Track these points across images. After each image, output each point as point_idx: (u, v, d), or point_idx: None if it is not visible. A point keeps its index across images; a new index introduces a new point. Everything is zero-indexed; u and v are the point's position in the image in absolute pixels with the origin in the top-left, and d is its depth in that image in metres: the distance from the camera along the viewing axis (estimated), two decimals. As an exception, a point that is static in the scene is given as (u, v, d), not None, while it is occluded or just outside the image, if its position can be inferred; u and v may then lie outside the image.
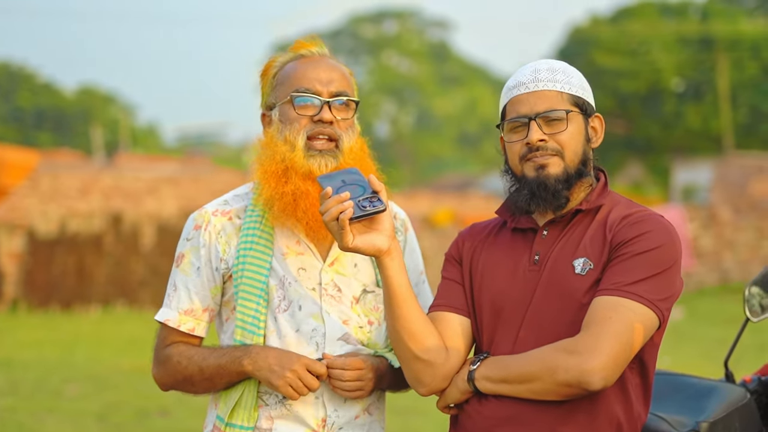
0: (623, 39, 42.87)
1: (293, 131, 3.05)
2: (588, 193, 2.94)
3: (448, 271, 3.05)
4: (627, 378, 2.82)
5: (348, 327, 3.09)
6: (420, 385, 2.92)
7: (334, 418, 3.07)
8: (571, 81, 2.93)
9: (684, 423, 3.29)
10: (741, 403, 3.45)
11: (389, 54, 67.00)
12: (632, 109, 41.37)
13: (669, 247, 2.80)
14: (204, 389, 3.11)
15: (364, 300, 3.14)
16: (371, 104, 63.89)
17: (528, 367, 2.76)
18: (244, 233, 3.10)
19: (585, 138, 2.92)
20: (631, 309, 2.72)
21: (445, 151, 65.88)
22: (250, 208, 3.14)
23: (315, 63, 3.13)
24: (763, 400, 3.60)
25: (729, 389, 3.51)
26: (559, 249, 2.88)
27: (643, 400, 2.90)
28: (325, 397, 3.06)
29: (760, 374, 3.74)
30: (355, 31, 67.83)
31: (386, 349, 3.15)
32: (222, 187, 24.66)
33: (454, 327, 2.95)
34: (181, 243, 3.18)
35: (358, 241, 2.77)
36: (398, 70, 66.13)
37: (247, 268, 3.07)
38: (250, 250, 3.08)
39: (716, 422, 3.34)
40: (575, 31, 45.25)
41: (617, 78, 41.23)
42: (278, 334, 3.05)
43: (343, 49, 67.13)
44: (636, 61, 41.57)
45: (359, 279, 3.15)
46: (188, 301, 3.13)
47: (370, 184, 2.80)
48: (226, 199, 3.21)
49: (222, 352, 3.05)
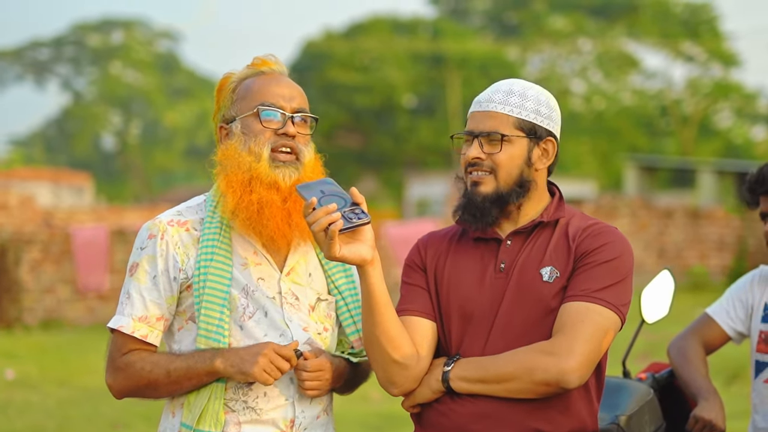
0: (357, 54, 43.74)
1: (258, 143, 3.15)
2: (545, 206, 3.16)
3: (411, 277, 3.21)
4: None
5: (308, 333, 3.20)
6: (393, 386, 3.08)
7: (301, 419, 3.17)
8: (525, 105, 3.11)
9: (602, 417, 3.55)
10: (648, 399, 3.77)
11: (115, 64, 65.81)
12: (366, 124, 42.29)
13: (626, 257, 3.08)
14: (167, 393, 3.15)
15: (318, 308, 3.25)
16: (96, 115, 62.60)
17: (506, 368, 2.97)
18: (203, 244, 3.16)
19: (525, 161, 3.11)
20: (600, 314, 2.98)
21: (174, 164, 65.24)
22: (208, 219, 3.20)
23: (276, 80, 3.24)
24: (659, 396, 3.90)
25: (635, 386, 3.80)
26: (524, 258, 3.10)
27: (597, 398, 3.14)
28: (296, 399, 3.16)
29: (651, 371, 4.04)
30: (80, 39, 66.26)
31: (338, 352, 3.28)
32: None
33: (422, 331, 3.12)
34: (135, 252, 3.20)
35: (344, 251, 2.90)
36: (125, 80, 65.04)
37: (209, 279, 3.12)
38: (210, 261, 3.14)
39: (632, 416, 3.64)
40: (309, 45, 45.82)
41: (351, 93, 42.04)
42: (246, 340, 3.13)
43: (67, 57, 65.49)
44: (369, 77, 42.51)
45: (314, 288, 3.26)
46: (142, 309, 3.15)
47: (351, 196, 2.93)
48: (179, 210, 3.25)
49: (190, 354, 3.10)
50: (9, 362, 13.57)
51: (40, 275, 17.92)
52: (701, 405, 3.79)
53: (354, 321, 3.26)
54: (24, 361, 13.78)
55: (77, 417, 9.97)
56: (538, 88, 3.16)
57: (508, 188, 3.09)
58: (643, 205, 20.94)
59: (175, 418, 3.19)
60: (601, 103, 46.81)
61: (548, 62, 48.06)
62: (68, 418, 9.99)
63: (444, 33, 44.67)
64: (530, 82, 3.19)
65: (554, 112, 3.16)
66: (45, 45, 65.49)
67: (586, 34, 46.83)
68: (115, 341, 3.19)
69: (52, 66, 65.76)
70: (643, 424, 3.68)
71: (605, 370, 3.15)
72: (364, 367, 3.30)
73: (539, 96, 3.14)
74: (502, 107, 3.10)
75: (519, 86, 3.14)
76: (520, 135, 3.10)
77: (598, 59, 46.91)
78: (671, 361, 4.00)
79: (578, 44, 47.49)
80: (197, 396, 3.13)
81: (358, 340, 3.26)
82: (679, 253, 20.47)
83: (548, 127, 3.13)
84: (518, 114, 3.10)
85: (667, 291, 4.00)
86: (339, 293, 3.27)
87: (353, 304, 3.27)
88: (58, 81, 66.40)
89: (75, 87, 65.95)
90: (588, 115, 46.05)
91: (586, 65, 47.62)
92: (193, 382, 3.10)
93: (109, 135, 65.38)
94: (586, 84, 47.87)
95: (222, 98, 3.27)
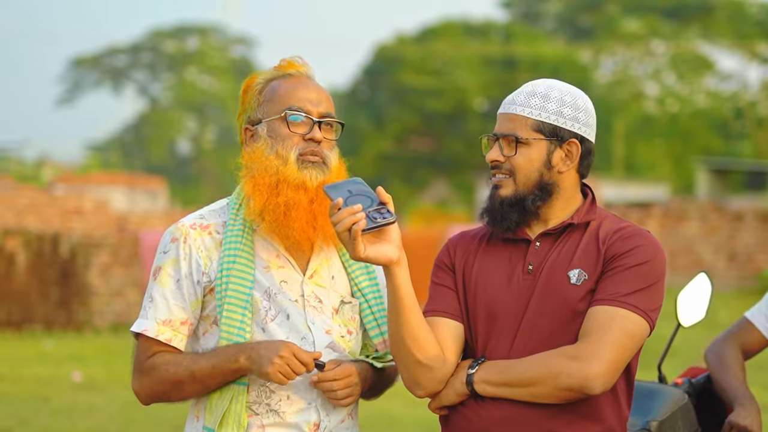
0: (429, 58, 43.74)
1: (286, 147, 3.14)
2: (576, 208, 3.11)
3: (440, 277, 3.18)
4: (616, 382, 3.00)
5: (331, 336, 3.18)
6: (418, 388, 3.06)
7: (326, 422, 3.15)
8: (546, 107, 3.06)
9: (634, 423, 3.49)
10: (682, 404, 3.70)
11: (191, 70, 66.46)
12: (438, 128, 42.28)
13: (658, 261, 3.01)
14: (193, 393, 3.14)
15: (342, 311, 3.23)
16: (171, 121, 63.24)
17: (530, 372, 2.93)
18: (226, 247, 3.16)
19: (544, 164, 3.06)
20: (627, 318, 2.92)
21: (248, 168, 65.54)
22: (230, 222, 3.20)
23: (304, 83, 3.22)
24: (695, 401, 3.84)
25: (669, 391, 3.74)
26: (552, 260, 3.05)
27: (627, 404, 3.09)
28: (319, 403, 3.14)
29: (688, 376, 3.98)
30: (156, 46, 67.01)
31: (362, 356, 3.26)
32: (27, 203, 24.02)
33: (449, 332, 3.08)
34: (158, 257, 3.21)
35: (370, 251, 2.88)
36: (200, 86, 65.65)
37: (232, 281, 3.12)
38: (233, 263, 3.14)
39: (664, 421, 3.57)
40: (381, 49, 45.91)
41: (423, 97, 42.05)
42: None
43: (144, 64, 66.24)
44: (441, 81, 42.49)
45: (337, 290, 3.24)
46: (166, 312, 3.15)
47: (378, 196, 2.90)
48: (202, 213, 3.26)
49: (213, 353, 3.09)
50: (77, 365, 13.75)
51: (110, 279, 18.14)
52: (737, 411, 3.72)
53: (378, 324, 3.24)
54: (91, 363, 13.95)
55: (140, 420, 10.06)
56: (566, 89, 3.10)
57: (527, 191, 3.05)
58: (713, 208, 20.70)
59: (199, 422, 3.18)
60: (675, 105, 46.35)
61: (621, 65, 47.70)
62: (131, 421, 10.09)
63: (516, 36, 44.53)
64: (561, 83, 3.13)
65: (580, 113, 3.08)
66: (122, 51, 66.35)
67: (659, 35, 46.40)
68: (140, 346, 3.20)
69: (129, 72, 66.61)
70: (676, 429, 3.62)
71: (635, 374, 3.10)
72: (388, 371, 3.27)
73: (563, 97, 3.08)
74: (521, 109, 3.07)
75: (543, 87, 3.09)
76: (538, 137, 3.05)
77: (672, 61, 46.45)
78: (708, 366, 3.94)
79: (652, 46, 47.10)
80: (219, 399, 3.13)
81: (382, 343, 3.24)
82: (750, 257, 20.17)
83: (572, 128, 3.07)
84: (538, 116, 3.05)
85: (704, 294, 3.93)
86: (362, 295, 3.25)
87: (377, 307, 3.25)
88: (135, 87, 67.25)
89: (151, 93, 66.73)
90: (662, 117, 45.64)
91: (660, 67, 47.17)
92: (218, 380, 3.09)
93: (185, 140, 66.06)
94: (660, 86, 47.43)
95: (248, 99, 3.25)
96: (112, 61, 66.31)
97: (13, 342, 16.60)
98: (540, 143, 3.05)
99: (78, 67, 65.81)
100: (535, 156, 3.05)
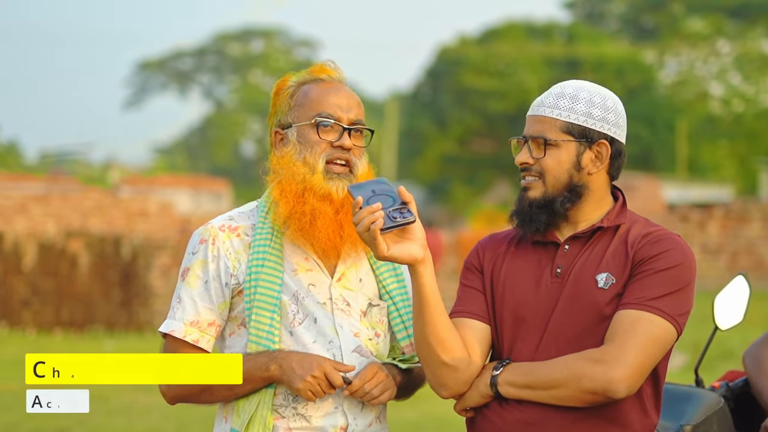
0: (491, 60, 43.61)
1: (314, 154, 3.14)
2: (607, 212, 3.09)
3: (469, 279, 3.17)
4: (642, 387, 2.97)
5: (359, 339, 3.18)
6: (443, 388, 3.04)
7: (354, 426, 3.15)
8: (575, 108, 3.03)
9: (667, 427, 3.46)
10: (717, 408, 3.65)
11: (255, 72, 66.90)
12: (500, 129, 42.08)
13: (687, 265, 2.98)
14: (222, 397, 3.16)
15: (370, 313, 3.23)
16: (236, 123, 63.67)
17: (554, 374, 2.91)
18: (254, 250, 3.16)
19: (574, 165, 3.04)
20: (654, 322, 2.89)
21: (311, 170, 65.84)
22: (259, 225, 3.21)
23: (336, 89, 3.22)
24: (732, 405, 3.80)
25: (705, 395, 3.70)
26: (581, 263, 3.03)
27: (655, 409, 3.05)
28: (345, 406, 3.14)
29: (726, 380, 3.93)
30: (221, 49, 67.54)
31: (388, 359, 3.26)
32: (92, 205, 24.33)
33: (475, 333, 3.07)
34: (187, 257, 3.22)
35: (394, 250, 2.88)
36: (265, 88, 66.02)
37: (260, 284, 3.13)
38: (261, 267, 3.14)
39: (698, 426, 3.53)
40: (444, 51, 45.86)
41: (485, 98, 41.95)
42: (296, 346, 3.13)
43: (209, 67, 66.78)
44: (503, 82, 42.37)
45: (365, 293, 3.24)
46: (194, 313, 3.16)
47: (399, 195, 2.90)
48: (231, 215, 3.26)
49: (245, 359, 3.10)
50: (136, 365, 13.85)
51: (170, 280, 18.26)
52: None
53: (405, 326, 3.24)
54: (151, 364, 14.04)
55: (195, 419, 10.12)
56: (594, 90, 3.07)
57: (556, 193, 3.03)
58: (776, 209, 20.43)
59: (227, 423, 3.20)
60: (740, 105, 45.82)
61: (686, 65, 47.29)
62: (186, 420, 10.16)
63: (579, 37, 44.25)
64: (590, 83, 3.10)
65: (610, 114, 3.05)
66: (188, 55, 67.01)
67: (724, 35, 45.97)
68: (167, 346, 3.20)
69: (194, 75, 67.27)
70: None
71: (664, 379, 3.06)
72: (417, 373, 3.26)
73: (593, 98, 3.04)
74: (550, 111, 3.04)
75: (572, 88, 3.06)
76: (568, 139, 3.03)
77: (737, 61, 45.95)
78: (746, 370, 3.88)
79: (717, 46, 46.67)
80: (246, 401, 3.14)
81: (409, 345, 3.23)
82: (813, 259, 19.92)
83: (602, 129, 3.04)
84: (566, 117, 3.03)
85: (741, 297, 3.89)
86: (390, 298, 3.24)
87: (404, 309, 3.24)
88: (200, 90, 67.88)
89: (216, 95, 67.32)
90: (726, 118, 45.15)
91: (725, 67, 46.70)
92: (249, 387, 3.10)
93: (249, 142, 66.49)
94: (725, 86, 46.93)
95: (279, 102, 3.25)
96: (177, 64, 67.00)
97: (75, 342, 16.81)
98: (569, 145, 3.03)
99: (144, 70, 66.56)
100: (564, 158, 3.03)
